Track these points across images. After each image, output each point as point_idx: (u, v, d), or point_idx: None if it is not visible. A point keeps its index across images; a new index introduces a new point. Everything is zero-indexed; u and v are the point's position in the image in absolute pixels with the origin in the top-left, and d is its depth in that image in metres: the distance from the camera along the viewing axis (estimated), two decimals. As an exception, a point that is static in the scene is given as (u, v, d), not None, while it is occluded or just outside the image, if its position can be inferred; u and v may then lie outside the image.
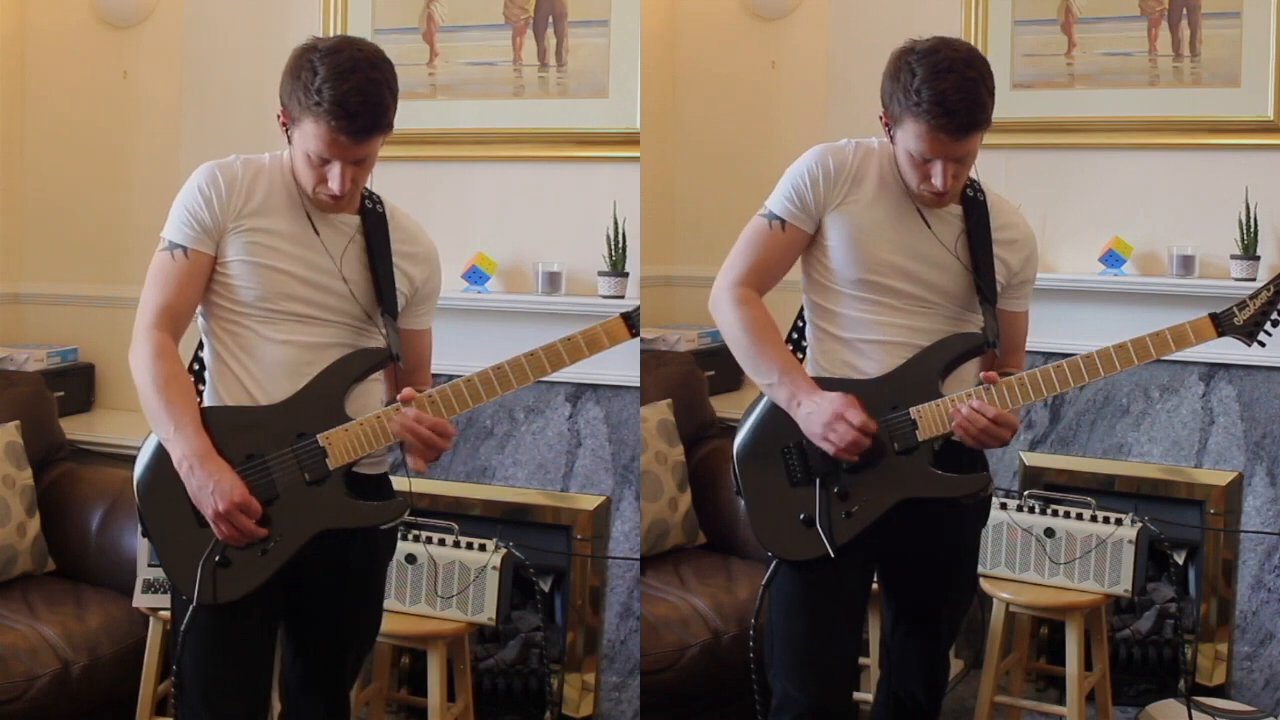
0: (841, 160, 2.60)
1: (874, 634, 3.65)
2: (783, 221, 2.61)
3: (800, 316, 2.77)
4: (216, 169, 2.49)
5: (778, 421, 2.61)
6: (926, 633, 2.82)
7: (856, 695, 2.92)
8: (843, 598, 2.67)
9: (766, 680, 2.73)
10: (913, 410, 2.56)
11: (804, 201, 2.60)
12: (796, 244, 2.63)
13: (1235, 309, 2.58)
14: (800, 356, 2.73)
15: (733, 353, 2.67)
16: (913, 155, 2.50)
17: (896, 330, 2.60)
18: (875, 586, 2.84)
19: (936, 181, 2.50)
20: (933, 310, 2.61)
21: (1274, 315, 2.59)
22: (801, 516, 2.59)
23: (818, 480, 2.58)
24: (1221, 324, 2.57)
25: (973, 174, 2.61)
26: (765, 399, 2.65)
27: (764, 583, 2.67)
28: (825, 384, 2.58)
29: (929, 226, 2.59)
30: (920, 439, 2.56)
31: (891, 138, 2.55)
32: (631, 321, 2.55)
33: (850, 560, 2.61)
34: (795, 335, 2.83)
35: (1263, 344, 2.61)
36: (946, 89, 2.42)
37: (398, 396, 2.48)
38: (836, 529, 2.58)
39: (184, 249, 2.47)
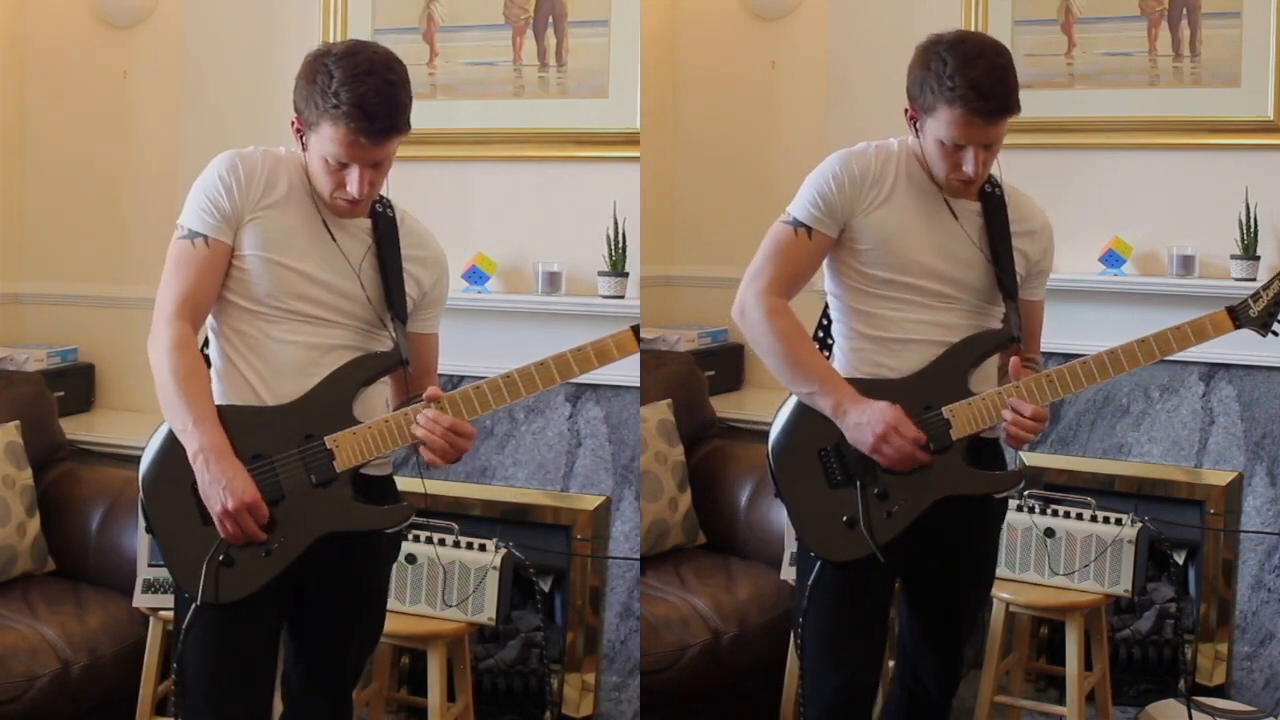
0: (865, 165, 2.62)
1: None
2: (809, 229, 2.62)
3: (825, 316, 2.79)
4: (237, 157, 2.48)
5: (811, 424, 2.63)
6: (945, 628, 2.84)
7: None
8: (876, 592, 2.70)
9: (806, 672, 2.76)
10: (945, 409, 2.59)
11: (830, 207, 2.61)
12: (822, 250, 2.65)
13: (1250, 300, 2.62)
14: (826, 355, 2.75)
15: (766, 363, 2.68)
16: (944, 144, 2.54)
17: (926, 327, 2.63)
18: None
19: (968, 168, 2.54)
20: (957, 305, 2.64)
21: None
22: (844, 518, 2.61)
23: (858, 482, 2.61)
24: (1239, 316, 2.61)
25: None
26: (794, 401, 2.67)
27: (811, 582, 2.67)
28: (857, 385, 2.61)
29: (958, 221, 2.62)
30: (955, 438, 2.59)
31: (916, 130, 2.59)
32: (639, 335, 2.57)
33: (886, 557, 2.63)
34: (820, 334, 2.84)
35: (1276, 333, 2.64)
36: (979, 74, 2.47)
37: (424, 395, 2.48)
38: (878, 529, 2.60)
39: (205, 238, 2.45)
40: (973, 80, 2.47)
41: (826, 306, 2.80)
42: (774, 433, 2.69)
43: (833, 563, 2.65)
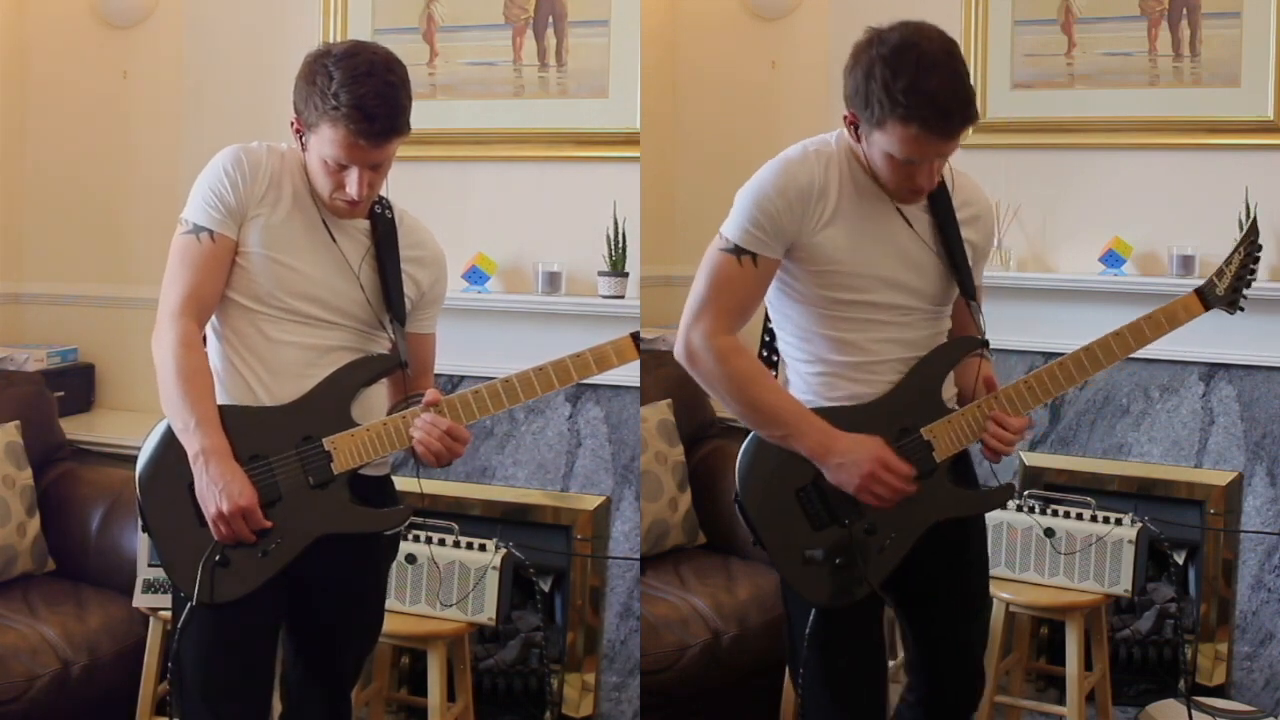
0: (809, 177, 2.39)
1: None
2: (754, 255, 2.40)
3: (766, 331, 2.66)
4: (242, 152, 2.47)
5: (781, 462, 2.44)
6: (958, 647, 2.67)
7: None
8: (875, 629, 2.56)
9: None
10: (924, 431, 2.44)
11: (775, 227, 2.39)
12: (769, 274, 2.44)
13: (1215, 278, 2.51)
14: (774, 372, 2.62)
15: (727, 408, 2.50)
16: (894, 158, 2.32)
17: (889, 346, 2.46)
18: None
19: (923, 182, 2.35)
20: (914, 316, 2.47)
21: (1248, 278, 2.51)
22: (836, 561, 2.42)
23: (846, 522, 2.43)
24: (1207, 297, 2.51)
25: None
26: (755, 439, 2.48)
27: (809, 632, 2.46)
28: (825, 414, 2.43)
29: (911, 226, 2.45)
30: (938, 460, 2.44)
31: (858, 137, 2.36)
32: (639, 341, 2.55)
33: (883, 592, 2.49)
34: (764, 352, 2.72)
35: (1243, 309, 2.54)
36: (936, 88, 2.24)
37: (424, 398, 2.48)
38: (872, 567, 2.43)
39: (210, 232, 2.44)
40: (930, 95, 2.23)
41: (766, 318, 2.59)
42: (741, 477, 2.48)
43: (831, 610, 2.46)
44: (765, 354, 2.74)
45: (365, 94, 2.35)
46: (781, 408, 2.43)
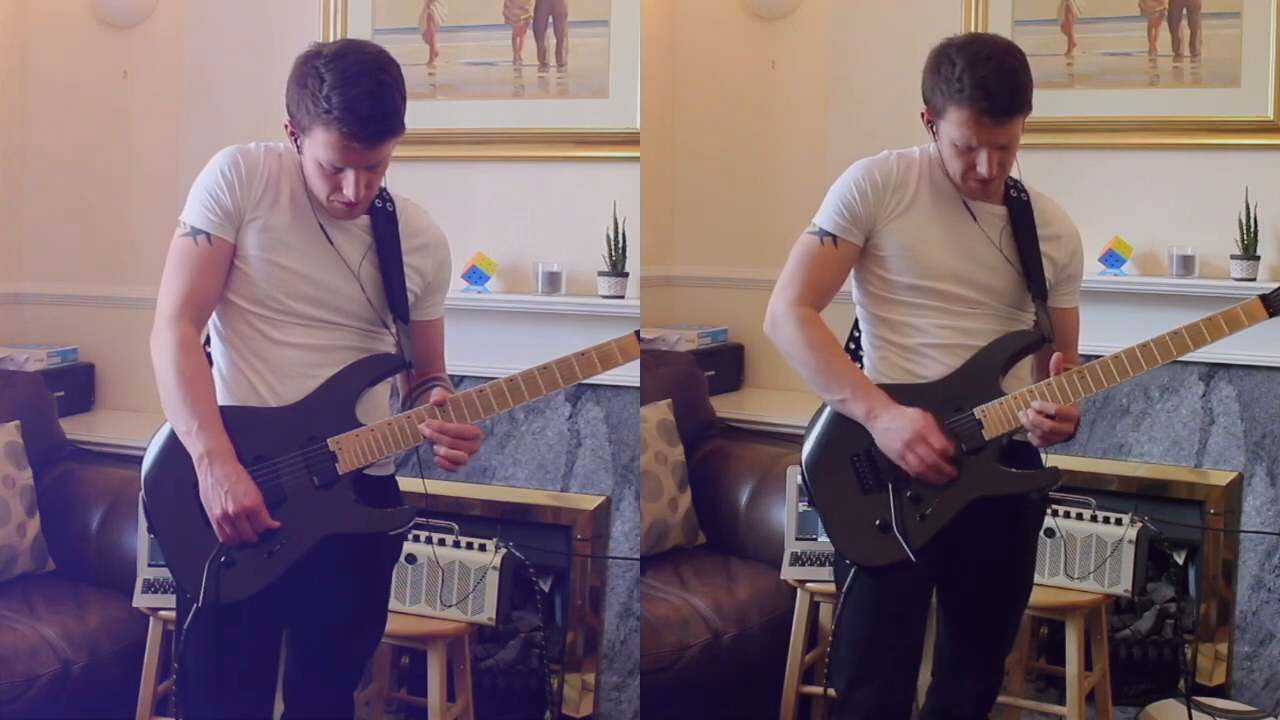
0: (887, 172, 2.63)
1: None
2: (834, 237, 2.63)
3: (856, 327, 2.79)
4: (239, 153, 2.46)
5: (844, 431, 2.62)
6: (980, 640, 2.81)
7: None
8: (911, 600, 2.68)
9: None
10: (977, 410, 2.58)
11: (854, 215, 2.62)
12: (849, 258, 2.65)
13: None
14: (859, 366, 2.74)
15: (799, 372, 2.68)
16: (957, 146, 2.54)
17: (953, 333, 2.62)
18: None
19: (982, 169, 2.53)
20: (985, 311, 2.63)
21: None
22: (877, 522, 2.59)
23: (890, 486, 2.59)
24: (1272, 305, 2.58)
25: (1014, 174, 2.65)
26: (828, 409, 2.66)
27: (845, 590, 2.66)
28: (888, 390, 2.60)
29: (976, 222, 2.62)
30: (987, 438, 2.58)
31: (934, 134, 2.59)
32: (642, 339, 2.57)
33: (919, 563, 2.60)
34: (853, 345, 2.85)
35: None
36: (987, 74, 2.47)
37: (431, 399, 2.47)
38: (912, 533, 2.58)
39: (207, 235, 2.43)
40: (980, 80, 2.47)
41: (855, 325, 2.81)
42: (807, 443, 2.68)
43: (866, 568, 2.63)
44: (854, 347, 2.87)
45: (357, 96, 2.33)
46: (844, 373, 2.62)
